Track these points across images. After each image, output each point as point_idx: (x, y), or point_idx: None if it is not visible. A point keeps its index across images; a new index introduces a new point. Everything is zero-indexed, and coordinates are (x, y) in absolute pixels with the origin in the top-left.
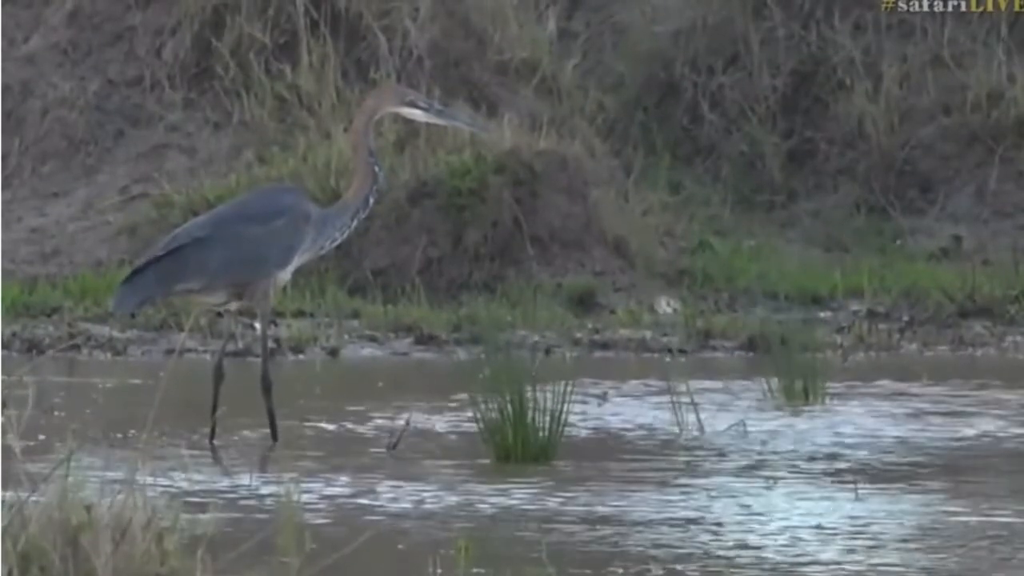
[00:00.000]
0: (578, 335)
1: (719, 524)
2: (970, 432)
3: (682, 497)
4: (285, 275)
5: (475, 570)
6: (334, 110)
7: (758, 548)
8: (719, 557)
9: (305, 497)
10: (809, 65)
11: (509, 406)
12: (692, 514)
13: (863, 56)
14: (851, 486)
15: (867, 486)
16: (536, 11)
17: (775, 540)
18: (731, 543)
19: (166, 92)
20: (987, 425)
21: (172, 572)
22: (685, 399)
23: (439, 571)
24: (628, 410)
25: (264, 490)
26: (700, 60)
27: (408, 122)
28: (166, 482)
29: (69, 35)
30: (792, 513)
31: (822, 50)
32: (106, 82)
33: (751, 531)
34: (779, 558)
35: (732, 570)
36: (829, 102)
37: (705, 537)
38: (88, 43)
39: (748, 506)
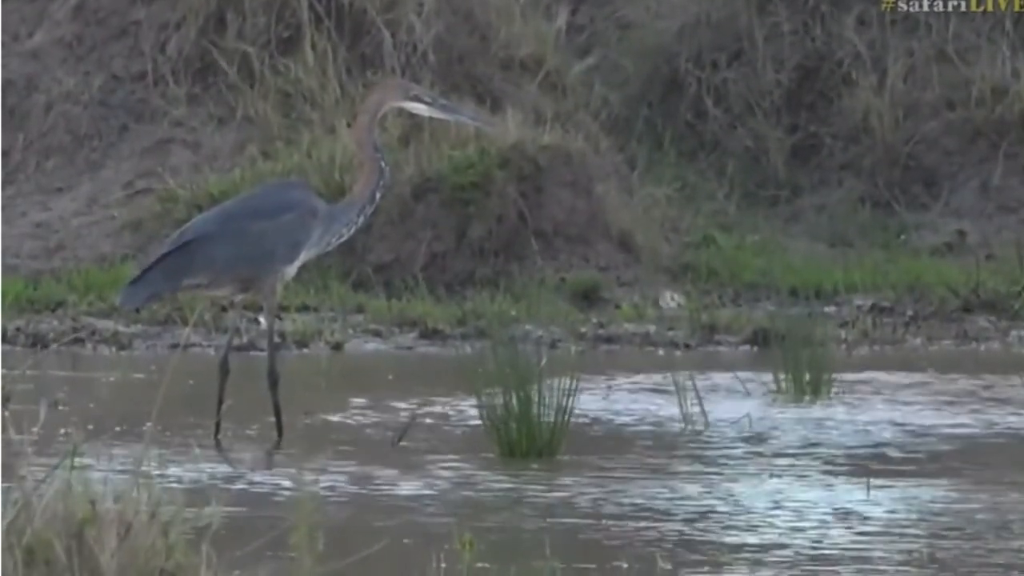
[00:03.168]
0: (583, 329)
1: (725, 516)
2: (976, 424)
3: (687, 490)
4: (291, 270)
5: (479, 564)
6: (338, 105)
7: (764, 539)
8: (725, 549)
9: (308, 490)
10: (813, 60)
11: (514, 400)
12: (697, 507)
13: (868, 51)
14: (857, 477)
15: (875, 477)
16: (541, 7)
17: (782, 531)
18: (737, 535)
19: (170, 87)
20: (992, 417)
21: (177, 566)
22: (690, 393)
23: (443, 564)
24: (633, 404)
25: (269, 484)
26: (704, 55)
27: (412, 117)
28: (171, 476)
29: (73, 30)
30: (800, 504)
31: (827, 45)
32: (110, 77)
33: (757, 523)
34: (786, 549)
35: (738, 561)
36: (833, 97)
37: (711, 529)
38: (92, 38)
39: (754, 498)
